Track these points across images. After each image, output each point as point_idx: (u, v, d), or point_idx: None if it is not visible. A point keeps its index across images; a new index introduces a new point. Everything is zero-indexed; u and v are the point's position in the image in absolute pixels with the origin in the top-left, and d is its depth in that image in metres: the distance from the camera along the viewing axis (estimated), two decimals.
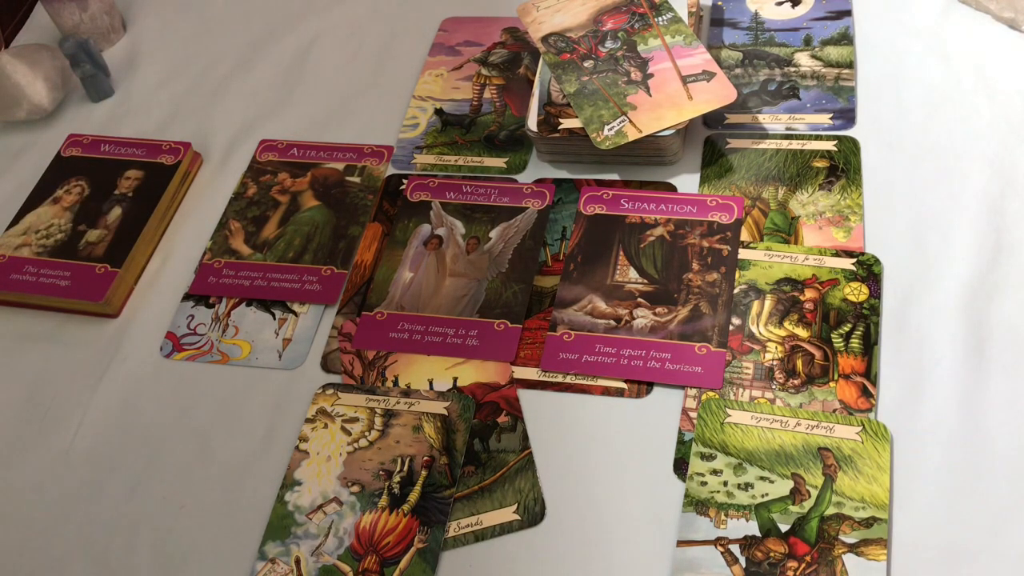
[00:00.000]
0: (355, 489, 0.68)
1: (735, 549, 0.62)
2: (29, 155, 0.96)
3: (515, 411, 0.71)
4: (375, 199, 0.86)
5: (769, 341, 0.71)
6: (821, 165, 0.82)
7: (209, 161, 0.93)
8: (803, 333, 0.71)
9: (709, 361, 0.71)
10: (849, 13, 0.93)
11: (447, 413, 0.71)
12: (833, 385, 0.68)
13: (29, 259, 0.83)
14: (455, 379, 0.73)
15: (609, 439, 0.69)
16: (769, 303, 0.73)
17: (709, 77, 0.82)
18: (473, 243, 0.81)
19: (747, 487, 0.64)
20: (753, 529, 0.62)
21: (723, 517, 0.63)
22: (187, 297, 0.82)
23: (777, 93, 0.88)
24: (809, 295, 0.73)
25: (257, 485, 0.70)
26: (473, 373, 0.73)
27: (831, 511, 0.62)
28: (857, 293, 0.73)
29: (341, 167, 0.89)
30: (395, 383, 0.73)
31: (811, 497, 0.63)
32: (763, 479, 0.64)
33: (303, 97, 0.98)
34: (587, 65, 0.85)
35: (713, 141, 0.85)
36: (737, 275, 0.75)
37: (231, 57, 1.03)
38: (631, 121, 0.80)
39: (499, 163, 0.87)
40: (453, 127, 0.91)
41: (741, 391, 0.69)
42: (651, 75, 0.83)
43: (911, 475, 0.64)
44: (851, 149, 0.82)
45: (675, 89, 0.81)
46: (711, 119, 0.86)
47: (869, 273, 0.74)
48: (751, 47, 0.92)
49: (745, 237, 0.78)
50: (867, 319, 0.71)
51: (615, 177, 0.85)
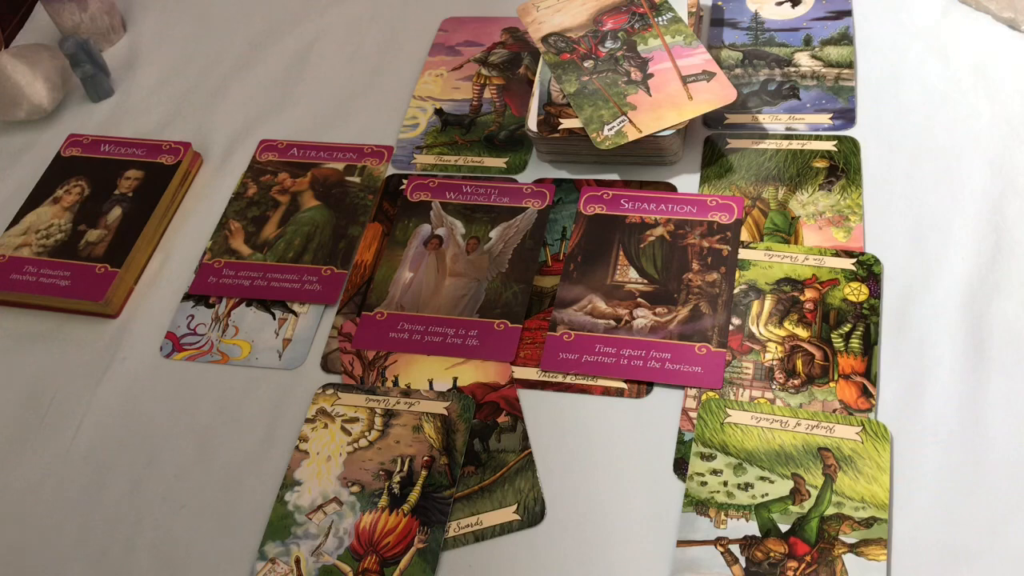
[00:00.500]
0: (355, 489, 0.68)
1: (735, 549, 0.62)
2: (29, 155, 0.96)
3: (515, 411, 0.71)
4: (375, 199, 0.86)
5: (769, 341, 0.71)
6: (821, 165, 0.82)
7: (209, 161, 0.93)
8: (803, 333, 0.71)
9: (709, 361, 0.71)
10: (849, 13, 0.93)
11: (447, 413, 0.71)
12: (833, 385, 0.68)
13: (29, 259, 0.83)
14: (455, 379, 0.73)
15: (609, 439, 0.69)
16: (769, 303, 0.73)
17: (709, 77, 0.82)
18: (473, 243, 0.81)
19: (747, 487, 0.64)
20: (753, 529, 0.62)
21: (723, 517, 0.63)
22: (187, 297, 0.82)
23: (777, 93, 0.88)
24: (809, 295, 0.73)
25: (257, 485, 0.70)
26: (473, 373, 0.73)
27: (831, 511, 0.62)
28: (857, 293, 0.73)
29: (341, 167, 0.89)
30: (395, 383, 0.73)
31: (811, 497, 0.63)
32: (763, 479, 0.64)
33: (303, 97, 0.97)
34: (587, 65, 0.85)
35: (713, 141, 0.85)
36: (737, 275, 0.75)
37: (231, 57, 1.03)
38: (631, 121, 0.80)
39: (499, 163, 0.87)
40: (453, 127, 0.91)
41: (741, 391, 0.69)
42: (651, 75, 0.83)
43: (911, 475, 0.64)
44: (851, 149, 0.82)
45: (675, 89, 0.81)
46: (711, 119, 0.86)
47: (869, 273, 0.74)
48: (751, 47, 0.92)
49: (745, 237, 0.78)
50: (867, 319, 0.71)
51: (615, 177, 0.84)
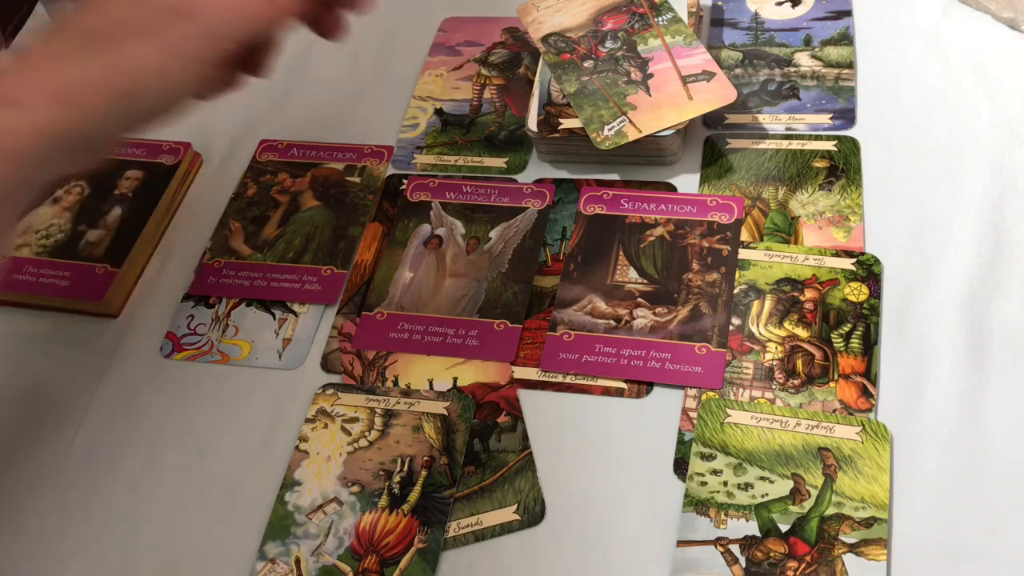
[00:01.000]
0: (355, 489, 0.68)
1: (735, 549, 0.62)
2: None
3: (515, 411, 0.71)
4: (375, 199, 0.86)
5: (769, 341, 0.71)
6: (821, 165, 0.82)
7: (209, 161, 0.93)
8: (803, 333, 0.71)
9: (709, 361, 0.71)
10: (849, 13, 0.93)
11: (447, 413, 0.71)
12: (833, 385, 0.68)
13: (29, 259, 0.83)
14: (455, 379, 0.73)
15: (609, 439, 0.69)
16: (769, 303, 0.73)
17: (709, 77, 0.82)
18: (473, 243, 0.81)
19: (747, 487, 0.64)
20: (753, 529, 0.62)
21: (723, 517, 0.63)
22: (187, 297, 0.82)
23: (777, 93, 0.88)
24: (809, 295, 0.73)
25: (257, 485, 0.70)
26: (473, 373, 0.73)
27: (831, 511, 0.62)
28: (857, 293, 0.73)
29: (341, 167, 0.89)
30: (395, 383, 0.73)
31: (811, 497, 0.63)
32: (763, 479, 0.64)
33: (303, 97, 0.97)
34: (587, 65, 0.85)
35: (713, 141, 0.85)
36: (737, 275, 0.75)
37: None
38: (631, 121, 0.80)
39: (499, 163, 0.87)
40: (453, 127, 0.91)
41: (741, 391, 0.69)
42: (651, 75, 0.83)
43: (911, 475, 0.64)
44: (851, 149, 0.82)
45: (675, 89, 0.81)
46: (711, 119, 0.86)
47: (869, 273, 0.74)
48: (751, 47, 0.92)
49: (745, 237, 0.78)
50: (867, 319, 0.71)
51: (615, 177, 0.84)
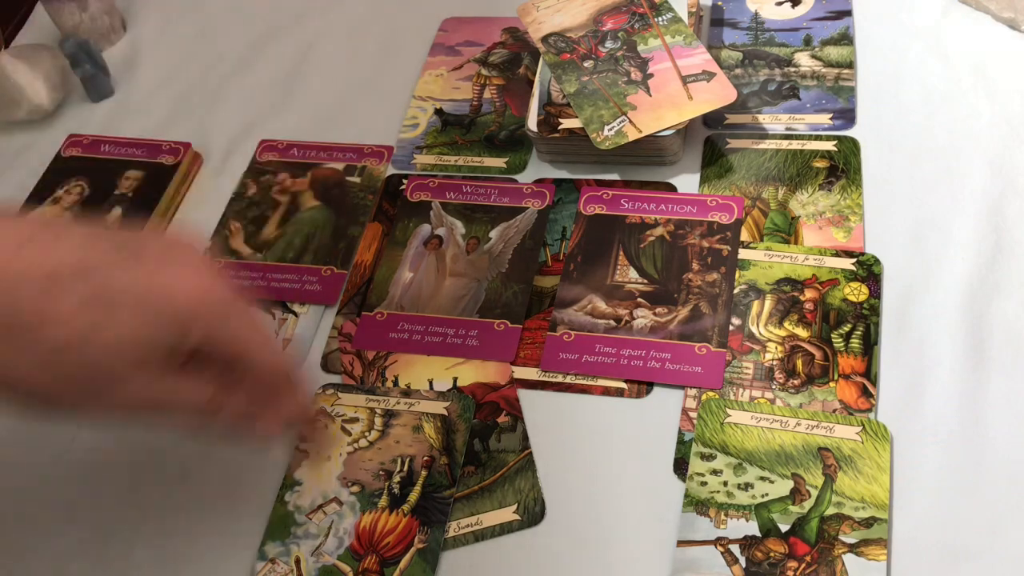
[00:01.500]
0: (355, 489, 0.68)
1: (735, 549, 0.62)
2: (29, 155, 0.95)
3: (515, 411, 0.71)
4: (375, 199, 0.86)
5: (769, 341, 0.71)
6: (821, 165, 0.82)
7: (209, 161, 0.93)
8: (803, 333, 0.71)
9: (709, 361, 0.71)
10: (849, 13, 0.93)
11: (447, 413, 0.71)
12: (833, 385, 0.68)
13: None
14: (455, 379, 0.73)
15: (609, 439, 0.69)
16: (769, 303, 0.73)
17: (709, 77, 0.82)
18: (473, 243, 0.81)
19: (747, 487, 0.64)
20: (753, 529, 0.62)
21: (723, 517, 0.63)
22: None
23: (777, 93, 0.88)
24: (809, 295, 0.73)
25: (257, 485, 0.70)
26: (473, 373, 0.73)
27: (831, 511, 0.62)
28: (857, 293, 0.73)
29: (341, 167, 0.89)
30: (395, 383, 0.73)
31: (811, 497, 0.63)
32: (763, 479, 0.64)
33: (303, 97, 0.97)
34: (587, 65, 0.85)
35: (713, 141, 0.85)
36: (737, 275, 0.75)
37: (231, 57, 1.03)
38: (631, 121, 0.80)
39: (499, 163, 0.87)
40: (453, 127, 0.91)
41: (741, 391, 0.69)
42: (651, 75, 0.83)
43: (911, 475, 0.64)
44: (851, 149, 0.82)
45: (675, 89, 0.81)
46: (711, 119, 0.86)
47: (869, 273, 0.74)
48: (751, 47, 0.92)
49: (745, 237, 0.78)
50: (867, 319, 0.71)
51: (615, 177, 0.84)
